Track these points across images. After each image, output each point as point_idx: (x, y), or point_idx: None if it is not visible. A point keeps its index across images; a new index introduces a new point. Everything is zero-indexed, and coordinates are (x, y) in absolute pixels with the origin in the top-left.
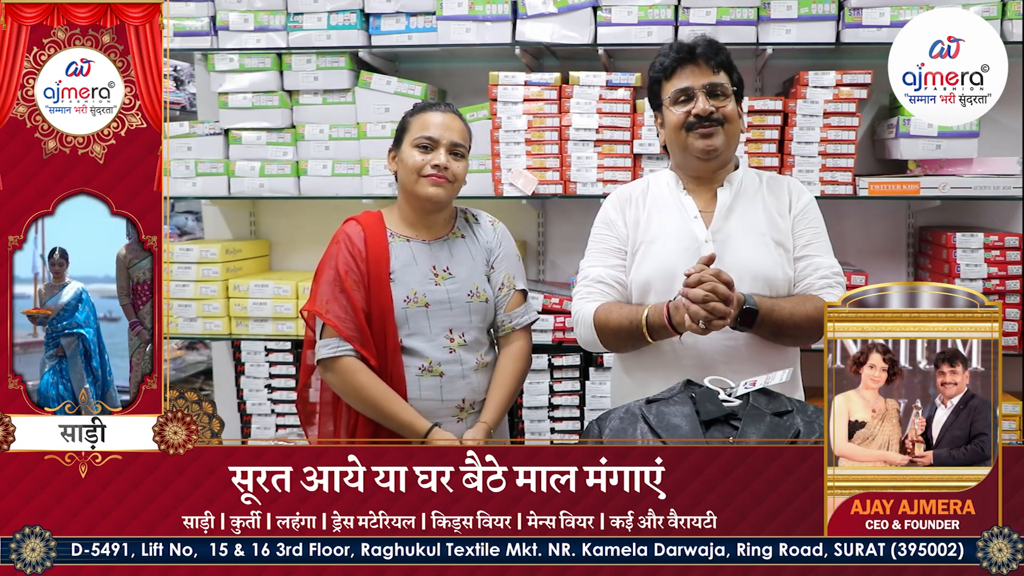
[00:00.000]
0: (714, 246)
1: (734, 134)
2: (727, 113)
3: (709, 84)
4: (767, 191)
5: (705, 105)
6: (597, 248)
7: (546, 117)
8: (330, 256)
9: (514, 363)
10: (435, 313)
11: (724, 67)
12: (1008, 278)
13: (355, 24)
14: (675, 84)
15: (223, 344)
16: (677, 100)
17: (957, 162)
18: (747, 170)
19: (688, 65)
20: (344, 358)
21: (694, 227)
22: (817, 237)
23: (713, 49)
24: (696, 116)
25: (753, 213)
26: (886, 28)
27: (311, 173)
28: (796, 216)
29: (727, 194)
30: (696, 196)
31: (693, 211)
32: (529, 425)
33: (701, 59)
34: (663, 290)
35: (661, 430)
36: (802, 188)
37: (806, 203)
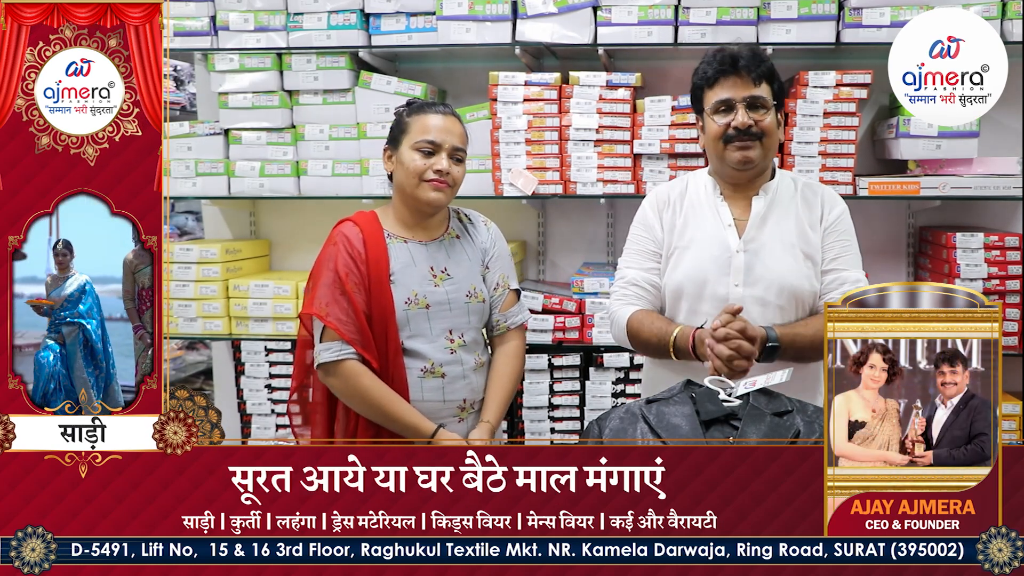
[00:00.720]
0: (745, 256)
1: (772, 147)
2: (765, 127)
3: (750, 97)
4: (801, 201)
5: (744, 119)
6: (634, 249)
7: (546, 117)
8: (328, 258)
9: (511, 362)
10: (435, 314)
11: (766, 78)
12: (1008, 278)
13: (355, 24)
14: (717, 94)
15: (223, 344)
16: (718, 110)
17: (957, 162)
18: (783, 176)
19: (731, 76)
20: (347, 361)
21: (727, 236)
22: (846, 250)
23: (756, 60)
24: (735, 129)
25: (786, 224)
26: (886, 28)
27: (311, 173)
28: (827, 228)
29: (761, 204)
30: (732, 203)
31: (728, 219)
32: (529, 425)
33: (743, 71)
34: (694, 295)
35: (661, 430)
36: (835, 199)
37: (838, 215)
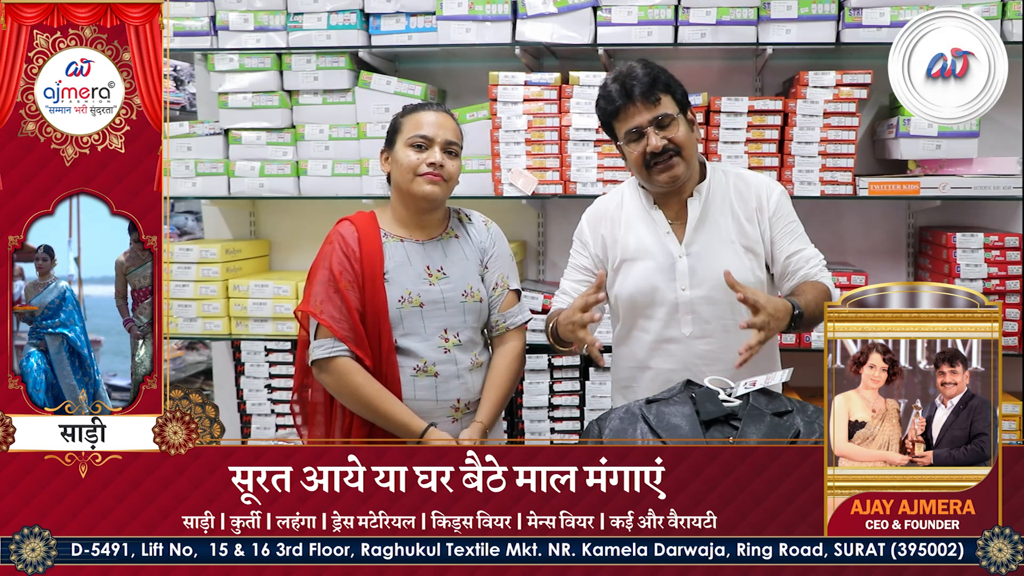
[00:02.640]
0: (688, 260)
1: (692, 154)
2: (680, 140)
3: (654, 119)
4: (735, 196)
5: (656, 141)
6: (571, 263)
7: (546, 117)
8: (323, 256)
9: (509, 363)
10: (429, 313)
11: (665, 91)
12: (1008, 278)
13: (355, 24)
14: (624, 124)
15: (223, 344)
16: (630, 140)
17: (957, 162)
18: (714, 172)
19: (629, 105)
20: (339, 358)
21: (668, 243)
22: (796, 230)
23: (649, 83)
24: (651, 153)
25: (723, 221)
26: (886, 28)
27: (311, 173)
28: (771, 217)
29: (696, 206)
30: (667, 208)
31: (664, 226)
32: (529, 425)
33: (640, 98)
34: (646, 303)
35: (661, 430)
36: (771, 185)
37: (777, 200)
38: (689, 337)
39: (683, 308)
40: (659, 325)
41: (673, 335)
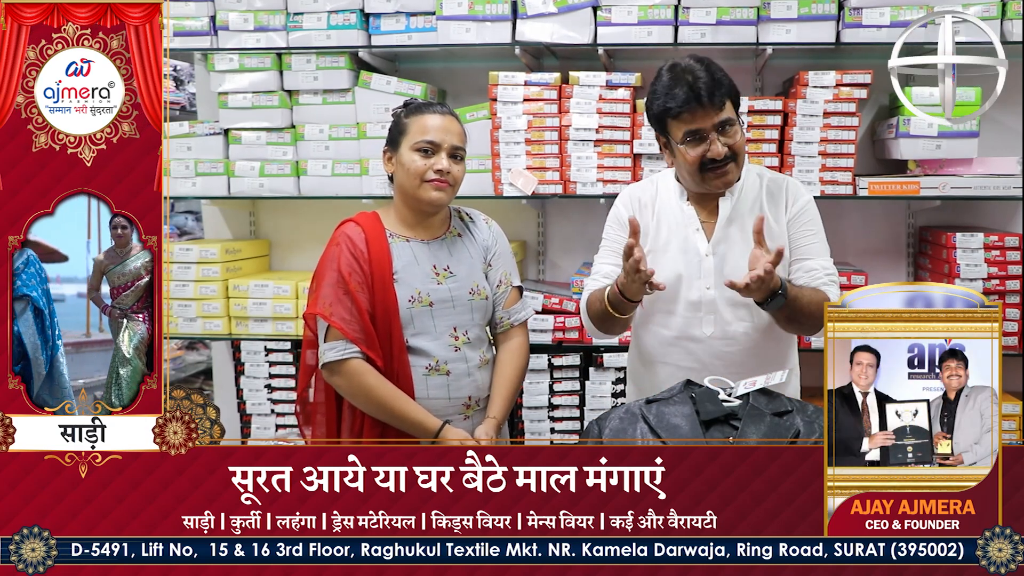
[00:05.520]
0: (714, 259)
1: (744, 160)
2: (738, 147)
3: (719, 123)
4: (766, 197)
5: (720, 148)
6: (608, 246)
7: (546, 117)
8: (330, 258)
9: (516, 359)
10: (439, 312)
11: (728, 95)
12: (1008, 278)
13: (355, 24)
14: (685, 125)
15: (223, 344)
16: (688, 141)
17: (957, 162)
18: (748, 172)
19: (697, 109)
20: (351, 360)
21: (696, 240)
22: (813, 239)
23: (716, 87)
24: (710, 159)
25: (751, 223)
26: (886, 28)
27: (311, 173)
28: (791, 219)
29: (727, 206)
30: (699, 206)
31: (695, 223)
32: (529, 425)
33: (707, 102)
34: (669, 298)
35: (661, 430)
36: (800, 189)
37: (802, 205)
38: (710, 337)
39: (706, 307)
40: (680, 322)
41: (694, 334)
